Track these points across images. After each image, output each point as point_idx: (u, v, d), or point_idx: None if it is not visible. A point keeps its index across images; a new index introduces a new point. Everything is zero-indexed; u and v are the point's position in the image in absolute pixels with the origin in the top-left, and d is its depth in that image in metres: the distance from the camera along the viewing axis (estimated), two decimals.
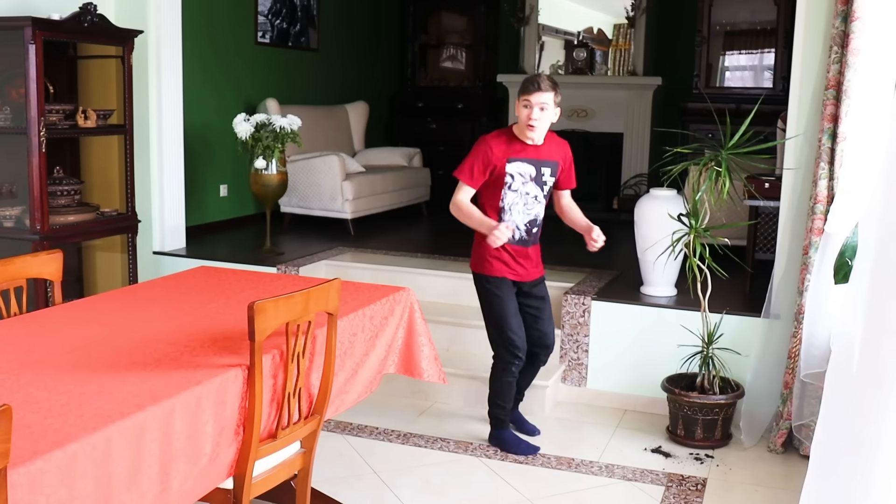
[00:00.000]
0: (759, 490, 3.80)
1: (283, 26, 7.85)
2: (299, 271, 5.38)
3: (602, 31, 9.48)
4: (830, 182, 4.02)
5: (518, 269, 3.97)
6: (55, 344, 2.73)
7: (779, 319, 4.32)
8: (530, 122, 3.78)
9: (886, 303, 2.13)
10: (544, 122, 3.80)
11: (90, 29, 4.91)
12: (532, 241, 3.99)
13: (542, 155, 3.89)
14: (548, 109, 3.78)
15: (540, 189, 3.91)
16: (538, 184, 3.89)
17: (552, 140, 3.94)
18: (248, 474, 2.57)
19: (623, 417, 4.59)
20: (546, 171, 3.90)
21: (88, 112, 5.00)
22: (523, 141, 3.86)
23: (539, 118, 3.77)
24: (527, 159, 3.86)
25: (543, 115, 3.78)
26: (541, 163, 3.88)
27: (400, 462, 3.99)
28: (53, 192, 4.88)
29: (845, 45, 3.91)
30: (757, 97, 5.46)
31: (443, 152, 9.08)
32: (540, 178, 3.89)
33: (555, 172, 3.93)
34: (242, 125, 5.52)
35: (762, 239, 5.24)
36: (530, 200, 3.90)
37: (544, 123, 3.81)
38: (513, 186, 3.87)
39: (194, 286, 3.53)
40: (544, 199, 3.95)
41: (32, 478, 1.87)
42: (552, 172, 3.92)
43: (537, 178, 3.88)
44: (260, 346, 2.50)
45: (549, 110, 3.79)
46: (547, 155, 3.91)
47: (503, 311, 3.97)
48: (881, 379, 2.11)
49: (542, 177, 3.89)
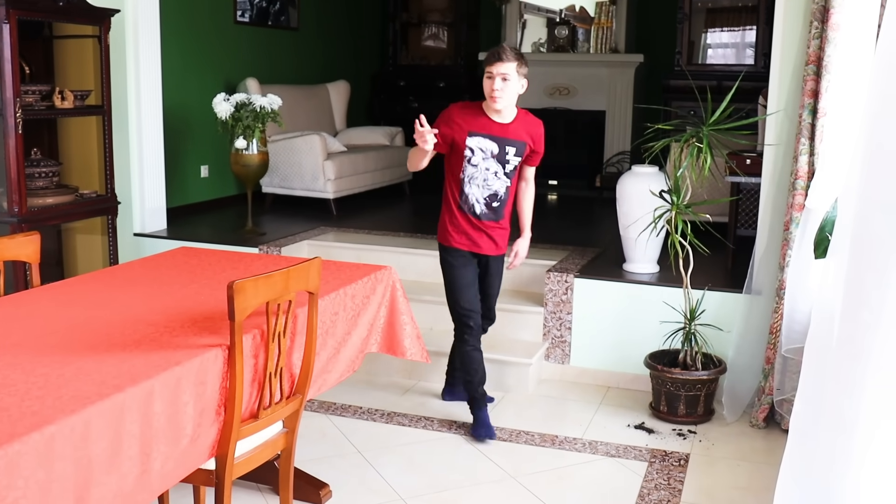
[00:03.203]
0: (741, 465, 3.83)
1: (263, 5, 7.78)
2: (281, 251, 5.36)
3: (584, 9, 9.44)
4: (811, 157, 4.03)
5: (479, 241, 3.95)
6: (33, 326, 2.70)
7: (760, 295, 4.34)
8: (493, 94, 3.72)
9: (864, 276, 2.14)
10: (508, 93, 3.74)
11: (66, 8, 4.84)
12: (493, 215, 3.93)
13: (508, 133, 3.83)
14: (511, 80, 3.71)
15: (500, 166, 3.85)
16: (500, 161, 3.84)
17: (524, 119, 3.89)
18: (230, 455, 2.56)
19: (606, 394, 4.61)
20: (510, 149, 3.83)
21: (65, 93, 4.94)
22: (489, 116, 3.81)
23: (501, 88, 3.71)
24: (490, 136, 3.81)
25: (507, 86, 3.72)
26: (505, 141, 3.82)
27: (383, 441, 3.99)
28: (31, 175, 4.83)
29: (825, 20, 3.91)
30: (738, 74, 5.46)
31: None
32: (503, 155, 3.83)
33: (521, 153, 3.87)
34: (222, 105, 5.47)
35: (744, 215, 5.26)
36: (490, 176, 3.85)
37: (508, 94, 3.74)
38: (472, 161, 3.82)
39: (174, 267, 3.51)
40: (506, 176, 3.88)
41: (10, 460, 1.85)
42: (518, 152, 3.86)
43: (500, 155, 3.83)
44: (240, 326, 2.49)
45: (512, 81, 3.71)
46: (514, 134, 3.85)
47: (456, 280, 3.98)
48: (859, 352, 2.12)
49: (506, 155, 3.83)
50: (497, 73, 3.70)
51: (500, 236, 4.00)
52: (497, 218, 3.95)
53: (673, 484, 3.61)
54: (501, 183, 3.87)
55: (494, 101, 3.74)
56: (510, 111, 3.84)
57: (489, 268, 4.06)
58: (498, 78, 3.70)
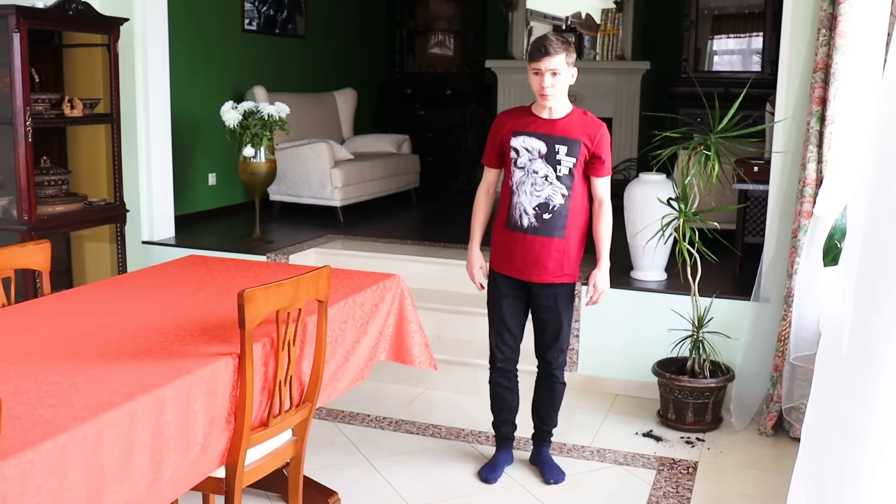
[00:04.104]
0: (749, 473, 3.82)
1: (270, 13, 7.80)
2: (289, 259, 5.37)
3: (590, 16, 9.45)
4: (819, 165, 4.03)
5: (523, 265, 3.48)
6: (44, 335, 2.71)
7: (768, 303, 4.33)
8: (543, 91, 3.33)
9: (875, 284, 2.13)
10: (560, 89, 3.35)
11: (75, 17, 4.87)
12: (546, 230, 3.42)
13: (556, 130, 3.40)
14: (561, 73, 3.33)
15: (552, 169, 3.39)
16: (550, 162, 3.39)
17: (579, 116, 3.46)
18: (240, 463, 2.57)
19: (614, 402, 4.61)
20: (562, 148, 3.38)
21: (75, 101, 4.96)
22: (536, 113, 3.45)
23: (552, 85, 3.32)
24: (536, 133, 3.41)
25: (557, 81, 3.33)
26: (554, 139, 3.39)
27: (392, 449, 3.99)
28: (40, 183, 4.85)
29: (833, 27, 3.91)
30: (745, 81, 5.46)
31: (431, 139, 9.07)
32: (553, 155, 3.39)
33: (575, 152, 3.38)
34: (230, 113, 5.49)
35: (751, 222, 5.25)
36: (539, 181, 3.40)
37: (560, 90, 3.36)
38: (518, 163, 3.43)
39: (183, 275, 3.52)
40: (559, 181, 3.40)
41: (23, 469, 1.86)
42: (570, 151, 3.39)
43: (549, 155, 3.39)
44: (250, 335, 2.50)
45: (562, 74, 3.33)
46: (564, 131, 3.40)
47: (491, 308, 3.62)
48: (870, 361, 2.12)
49: (556, 154, 3.39)
50: (546, 68, 3.31)
51: (556, 259, 3.47)
52: (550, 234, 3.44)
53: (681, 492, 3.61)
54: (554, 189, 3.41)
55: (546, 99, 3.36)
56: (562, 107, 3.44)
57: (539, 299, 3.55)
58: (547, 74, 3.32)
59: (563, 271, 3.49)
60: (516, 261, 3.49)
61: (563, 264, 3.47)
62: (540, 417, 3.76)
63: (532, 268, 3.47)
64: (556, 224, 3.43)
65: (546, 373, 3.70)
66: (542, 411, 3.75)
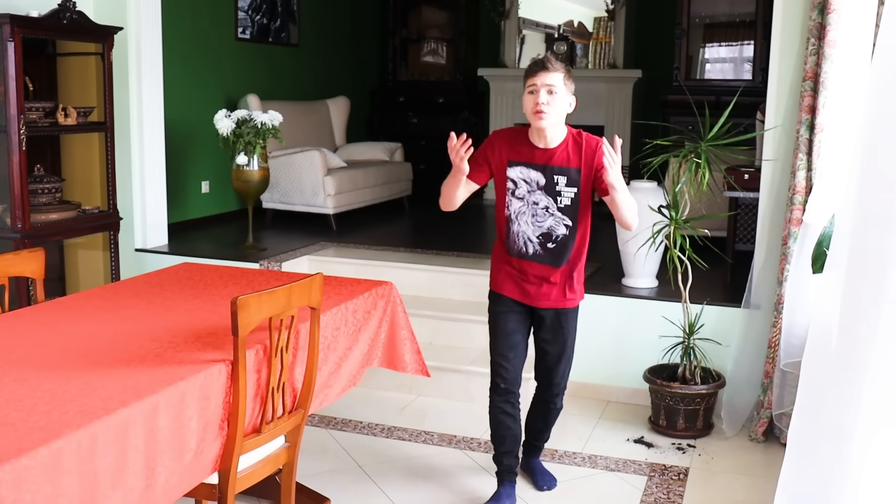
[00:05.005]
0: (740, 479, 3.84)
1: (264, 22, 7.83)
2: (282, 267, 5.39)
3: (582, 25, 9.50)
4: (809, 173, 4.06)
5: (528, 290, 3.36)
6: (38, 342, 2.73)
7: (759, 309, 4.36)
8: (538, 108, 3.13)
9: (861, 291, 2.16)
10: (555, 109, 3.15)
11: (69, 26, 4.88)
12: (551, 259, 3.29)
13: (554, 160, 3.22)
14: (558, 93, 3.14)
15: (552, 200, 3.23)
16: (549, 194, 3.23)
17: (575, 141, 3.26)
18: (233, 469, 2.58)
19: (606, 408, 4.63)
20: (561, 179, 3.21)
21: (69, 109, 4.98)
22: (532, 141, 3.25)
23: (548, 102, 3.13)
24: (533, 164, 3.23)
25: (554, 100, 3.14)
26: (552, 169, 3.22)
27: (384, 456, 4.00)
28: (34, 191, 4.86)
29: (822, 36, 3.95)
30: (736, 89, 5.50)
31: (424, 146, 9.10)
32: (552, 187, 3.22)
33: (575, 181, 3.22)
34: (223, 121, 5.51)
35: (742, 230, 5.29)
36: (540, 212, 3.25)
37: (556, 110, 3.15)
38: (517, 193, 3.27)
39: (177, 283, 3.54)
40: (561, 212, 3.24)
41: (18, 475, 1.87)
42: (570, 182, 3.22)
43: (548, 187, 3.23)
44: (243, 341, 2.51)
45: (559, 94, 3.15)
46: (562, 160, 3.22)
47: (495, 326, 3.44)
48: (856, 365, 2.15)
49: (556, 186, 3.22)
50: (542, 84, 3.14)
51: (561, 284, 3.36)
52: (556, 263, 3.31)
53: (672, 498, 3.63)
54: (556, 221, 3.25)
55: (540, 118, 3.15)
56: (557, 133, 3.23)
57: (545, 321, 3.42)
58: (543, 90, 3.13)
59: (569, 296, 3.38)
60: (520, 287, 3.37)
61: (568, 289, 3.37)
62: (532, 434, 3.72)
63: (538, 295, 3.36)
64: (563, 254, 3.30)
65: (545, 397, 3.61)
66: (536, 430, 3.70)
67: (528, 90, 3.18)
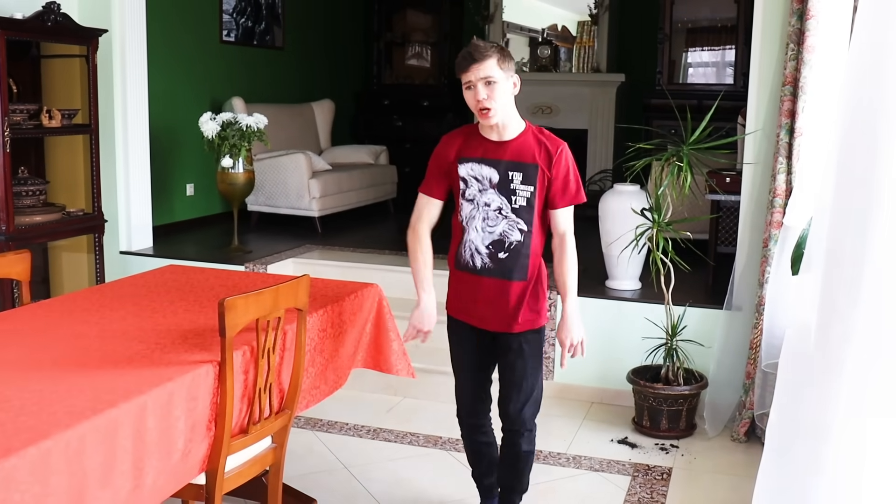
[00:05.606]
0: (723, 478, 3.89)
1: (248, 25, 7.84)
2: (267, 269, 5.40)
3: (566, 29, 9.56)
4: (788, 176, 4.12)
5: (475, 311, 2.99)
6: (25, 343, 2.73)
7: (740, 311, 4.41)
8: (480, 107, 2.80)
9: (837, 291, 2.20)
10: (499, 101, 2.80)
11: (53, 28, 4.88)
12: (501, 272, 2.91)
13: (509, 154, 2.87)
14: (497, 81, 2.78)
15: (506, 200, 2.87)
16: (503, 193, 2.87)
17: (534, 136, 2.90)
18: (221, 469, 2.60)
19: (590, 409, 4.66)
20: (516, 175, 2.85)
21: (53, 112, 4.98)
22: (485, 136, 2.92)
23: (489, 97, 2.78)
24: (484, 159, 2.88)
25: (494, 92, 2.78)
26: (506, 164, 2.86)
27: (370, 457, 4.02)
28: (18, 193, 4.85)
29: (801, 42, 4.01)
30: (718, 93, 5.56)
31: (409, 149, 9.12)
32: (506, 184, 2.87)
33: (532, 179, 2.85)
34: (209, 124, 5.52)
35: (723, 232, 5.34)
36: (492, 214, 2.89)
37: (500, 102, 2.80)
38: (467, 194, 2.91)
39: (163, 284, 3.55)
40: (515, 213, 2.88)
41: (7, 475, 1.89)
42: (526, 178, 2.85)
43: (502, 184, 2.87)
44: (231, 343, 2.53)
45: (499, 83, 2.78)
46: (517, 154, 2.87)
47: (453, 359, 3.15)
48: (832, 364, 2.19)
49: (510, 183, 2.86)
50: (477, 78, 2.78)
51: (516, 306, 2.94)
52: (508, 276, 2.91)
53: (656, 497, 3.67)
54: (510, 224, 2.89)
55: (486, 116, 2.82)
56: (512, 125, 2.89)
57: (501, 346, 3.02)
58: (480, 85, 2.78)
59: (526, 318, 2.96)
60: (471, 308, 3.00)
61: (526, 311, 2.95)
62: (502, 484, 3.25)
63: (491, 318, 2.97)
64: (515, 265, 2.91)
65: (506, 436, 3.12)
66: (505, 479, 3.23)
67: (464, 86, 2.83)
